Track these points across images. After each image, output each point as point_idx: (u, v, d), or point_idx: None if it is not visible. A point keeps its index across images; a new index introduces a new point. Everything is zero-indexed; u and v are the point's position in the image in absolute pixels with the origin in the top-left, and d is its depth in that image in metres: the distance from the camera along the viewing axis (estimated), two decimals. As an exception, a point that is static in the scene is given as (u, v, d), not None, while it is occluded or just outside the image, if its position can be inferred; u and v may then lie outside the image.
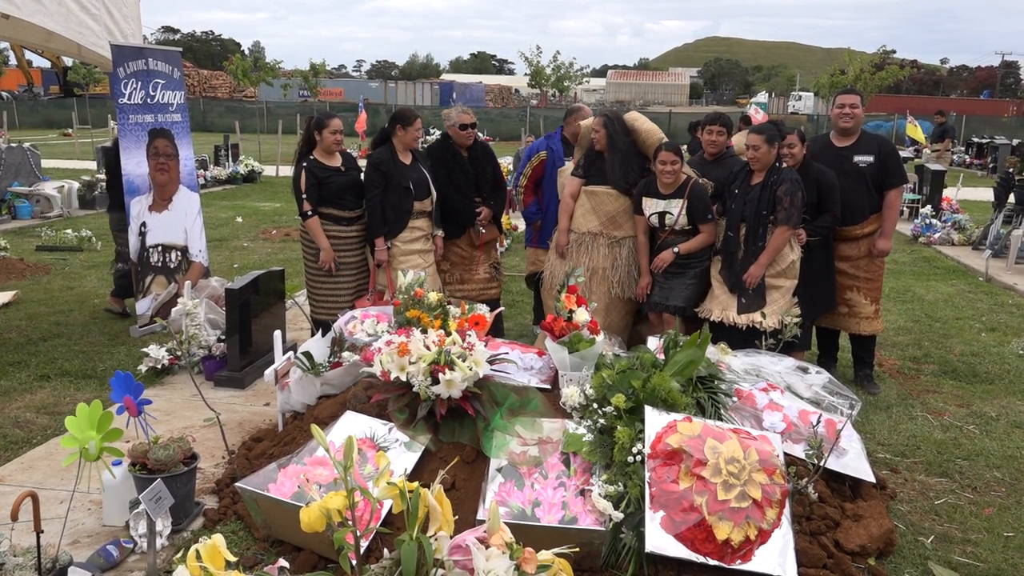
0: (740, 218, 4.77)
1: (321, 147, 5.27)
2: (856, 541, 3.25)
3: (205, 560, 2.08)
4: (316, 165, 5.22)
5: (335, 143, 5.29)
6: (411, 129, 5.25)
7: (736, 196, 4.81)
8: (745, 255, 4.76)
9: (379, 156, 5.24)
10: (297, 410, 4.15)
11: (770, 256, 4.71)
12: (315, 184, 5.18)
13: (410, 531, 2.20)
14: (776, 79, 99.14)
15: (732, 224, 4.82)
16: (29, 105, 40.39)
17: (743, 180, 4.83)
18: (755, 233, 4.73)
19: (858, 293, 5.27)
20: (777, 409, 3.69)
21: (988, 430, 4.73)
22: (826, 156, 5.16)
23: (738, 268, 4.78)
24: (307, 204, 5.19)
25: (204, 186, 15.03)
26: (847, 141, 5.20)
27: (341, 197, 5.28)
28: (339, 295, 5.35)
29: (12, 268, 8.37)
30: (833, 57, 76.32)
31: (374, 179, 5.20)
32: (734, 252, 4.81)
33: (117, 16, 6.11)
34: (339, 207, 5.29)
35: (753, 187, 4.76)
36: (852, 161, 5.15)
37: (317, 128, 5.25)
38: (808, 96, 62.84)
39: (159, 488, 2.99)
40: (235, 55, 52.44)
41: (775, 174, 4.72)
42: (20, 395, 4.96)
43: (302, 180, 5.18)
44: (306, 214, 5.21)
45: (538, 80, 57.50)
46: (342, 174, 5.33)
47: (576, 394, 3.49)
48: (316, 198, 5.20)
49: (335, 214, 5.29)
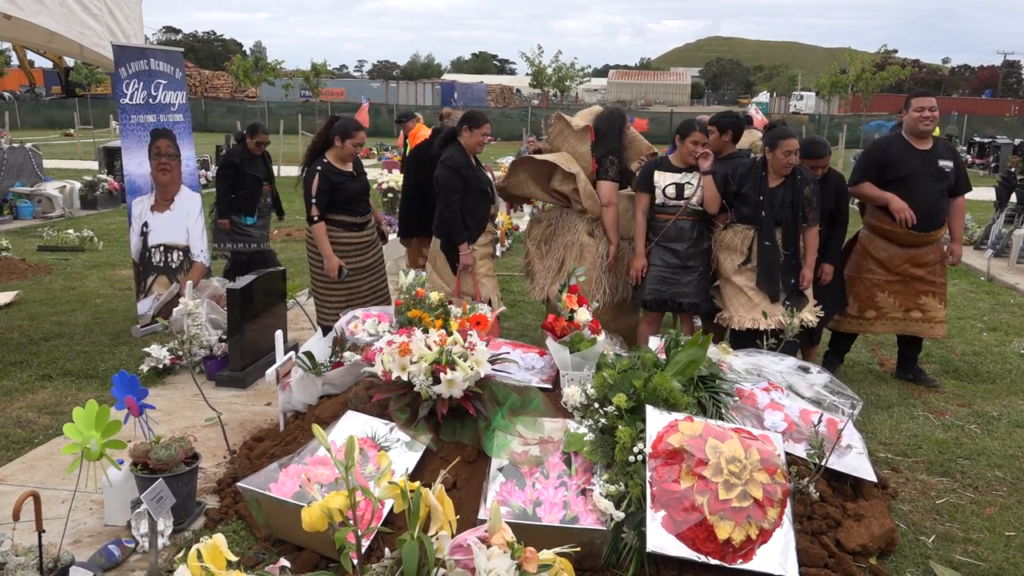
0: (775, 223, 4.67)
1: (339, 153, 5.14)
2: (857, 540, 3.25)
3: (206, 560, 2.08)
4: (330, 169, 5.09)
5: (352, 155, 5.22)
6: (477, 132, 5.05)
7: (762, 202, 4.66)
8: (784, 260, 4.68)
9: (457, 159, 5.01)
10: (298, 410, 4.15)
11: (814, 256, 4.77)
12: (327, 189, 5.04)
13: (411, 530, 2.20)
14: (777, 79, 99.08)
15: (768, 232, 4.67)
16: (31, 105, 40.47)
17: (761, 184, 4.68)
18: (793, 237, 4.69)
19: (933, 298, 5.25)
20: (778, 409, 3.69)
21: (989, 429, 4.73)
22: (910, 160, 5.06)
23: (779, 275, 4.69)
24: (315, 209, 5.05)
25: (206, 186, 15.04)
26: (927, 144, 5.11)
27: (353, 203, 5.20)
28: (352, 300, 5.23)
29: (14, 268, 8.38)
30: (835, 57, 76.27)
31: (453, 183, 4.96)
32: (775, 260, 4.68)
33: (119, 16, 6.11)
34: (351, 213, 5.20)
35: (776, 190, 4.65)
36: (937, 165, 5.07)
37: (341, 134, 5.10)
38: (810, 96, 62.80)
39: (161, 488, 3.00)
40: (236, 55, 52.50)
41: (796, 174, 4.65)
42: (22, 395, 4.97)
43: (314, 184, 5.04)
44: (313, 219, 5.08)
45: (539, 80, 57.50)
46: (355, 179, 5.24)
47: (577, 394, 3.49)
48: (325, 203, 5.08)
49: (346, 220, 5.19)
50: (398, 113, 9.08)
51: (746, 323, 4.72)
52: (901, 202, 5.00)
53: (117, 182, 13.21)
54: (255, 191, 6.81)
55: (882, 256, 5.22)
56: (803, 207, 4.65)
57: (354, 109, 31.15)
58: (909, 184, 5.03)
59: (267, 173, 7.00)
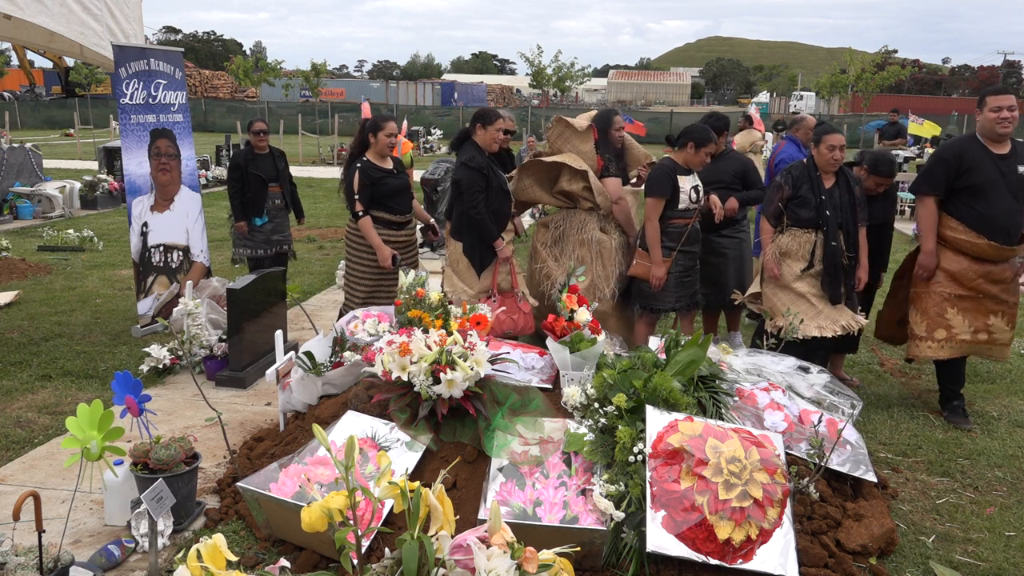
0: (838, 225, 4.61)
1: (375, 149, 5.19)
2: (857, 540, 3.25)
3: (206, 560, 2.08)
4: (370, 166, 5.14)
5: (389, 146, 5.22)
6: (491, 128, 4.98)
7: (824, 202, 4.59)
8: (847, 262, 4.65)
9: (476, 158, 4.93)
10: (298, 410, 4.15)
11: (867, 257, 4.71)
12: (368, 185, 5.10)
13: (411, 530, 2.20)
14: (777, 79, 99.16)
15: (833, 233, 4.58)
16: (31, 105, 40.47)
17: (817, 185, 4.62)
18: (855, 237, 4.66)
19: (1002, 319, 4.75)
20: (778, 409, 3.69)
21: (989, 429, 4.73)
22: (985, 164, 4.56)
23: (843, 278, 4.65)
24: (359, 204, 5.10)
25: (206, 186, 15.06)
26: (1005, 148, 4.60)
27: (393, 200, 5.21)
28: (377, 298, 5.22)
29: (14, 268, 8.38)
30: (835, 57, 76.24)
31: (476, 182, 4.88)
32: (839, 262, 4.61)
33: (119, 16, 6.11)
34: (390, 211, 5.22)
35: (832, 190, 4.61)
36: (1018, 172, 4.56)
37: (372, 130, 5.17)
38: (810, 96, 62.79)
39: (161, 488, 3.00)
40: (236, 55, 52.52)
41: (843, 175, 4.62)
42: (22, 395, 4.97)
43: (355, 180, 5.09)
44: (358, 214, 5.11)
45: (539, 80, 57.52)
46: (395, 176, 5.26)
47: (577, 394, 3.49)
48: (368, 200, 5.12)
49: (386, 218, 5.21)
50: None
51: (812, 331, 4.61)
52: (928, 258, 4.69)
53: (117, 182, 13.22)
54: (260, 192, 6.67)
55: (954, 269, 4.69)
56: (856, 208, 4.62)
57: (354, 109, 31.19)
58: (985, 193, 4.54)
59: (275, 173, 6.81)
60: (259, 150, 6.74)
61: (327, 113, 32.93)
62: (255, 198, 6.68)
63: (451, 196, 5.13)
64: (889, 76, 45.84)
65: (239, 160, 6.73)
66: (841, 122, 31.22)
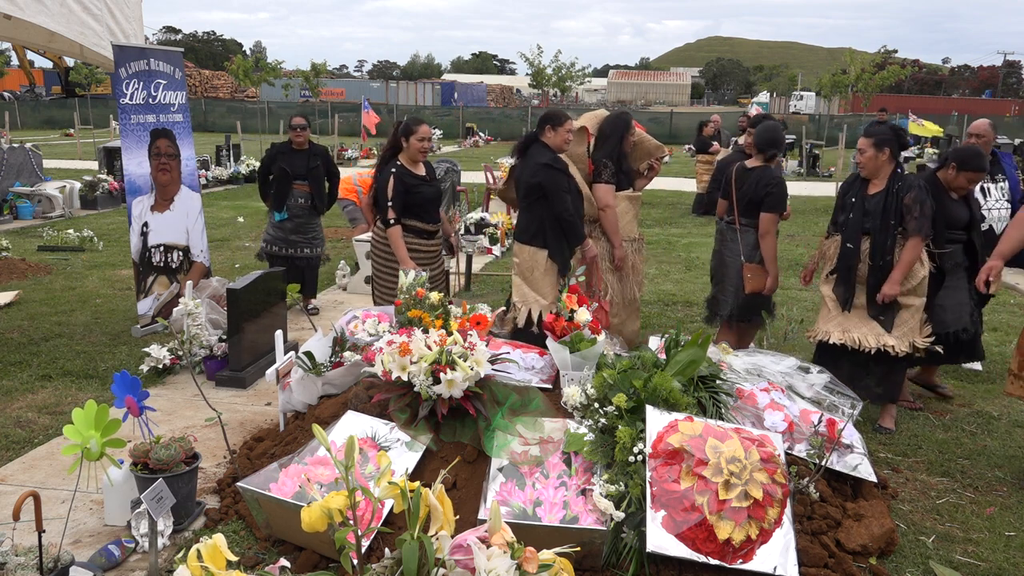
0: (862, 230, 4.49)
1: (407, 154, 5.07)
2: (857, 540, 3.25)
3: (206, 560, 2.08)
4: (405, 173, 5.02)
5: (422, 151, 5.10)
6: (561, 130, 4.84)
7: (854, 206, 4.55)
8: (871, 270, 4.46)
9: (559, 160, 4.80)
10: (298, 410, 4.15)
11: (903, 271, 4.38)
12: (402, 192, 4.97)
13: (411, 531, 2.20)
14: (778, 79, 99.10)
15: (852, 236, 4.50)
16: (31, 105, 40.49)
17: (859, 189, 4.57)
18: (882, 246, 4.40)
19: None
20: (778, 409, 3.69)
21: (990, 429, 4.73)
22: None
23: (855, 283, 4.54)
24: (391, 212, 4.96)
25: (206, 186, 15.06)
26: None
27: (425, 209, 5.10)
28: None
29: (14, 268, 8.38)
30: (835, 57, 76.25)
31: (562, 183, 4.74)
32: (852, 266, 4.50)
33: (119, 16, 6.11)
34: (422, 219, 5.10)
35: (873, 196, 4.49)
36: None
37: (405, 134, 5.04)
38: (810, 96, 62.83)
39: (161, 488, 3.00)
40: (236, 55, 52.50)
41: (898, 180, 4.44)
42: (22, 395, 4.97)
43: (389, 186, 4.94)
44: (389, 222, 4.97)
45: (539, 80, 57.51)
46: (428, 185, 5.14)
47: (577, 394, 3.49)
48: (400, 207, 4.98)
49: (418, 226, 5.09)
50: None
51: (818, 335, 4.62)
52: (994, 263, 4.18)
53: (117, 182, 13.21)
54: (283, 186, 6.52)
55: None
56: (899, 215, 4.40)
57: (354, 109, 31.19)
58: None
59: (305, 171, 6.57)
60: (297, 146, 6.58)
61: (327, 113, 32.91)
62: (277, 192, 6.56)
63: (526, 201, 4.89)
64: (889, 76, 45.80)
65: (272, 151, 6.67)
66: (841, 122, 31.22)
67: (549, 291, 4.80)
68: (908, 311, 4.48)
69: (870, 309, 4.52)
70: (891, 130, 4.60)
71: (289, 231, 6.62)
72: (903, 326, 4.48)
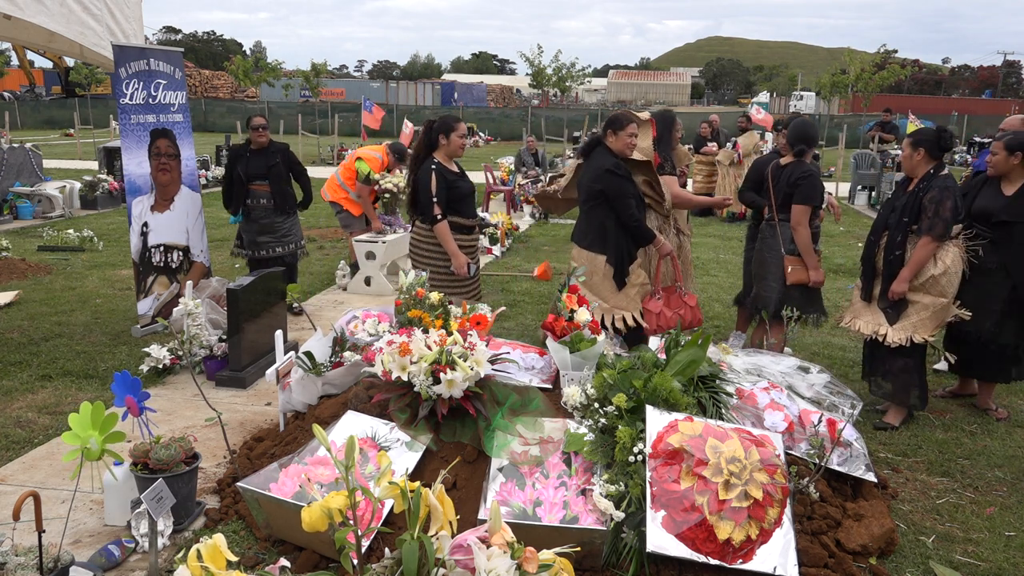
0: (884, 226, 4.62)
1: (446, 151, 5.01)
2: (857, 540, 3.25)
3: (206, 560, 2.08)
4: (444, 169, 4.97)
5: (462, 147, 5.04)
6: (623, 134, 4.70)
7: (888, 202, 4.70)
8: (885, 264, 4.59)
9: (622, 165, 4.71)
10: (298, 410, 4.15)
11: (912, 270, 4.45)
12: (445, 188, 4.91)
13: (411, 531, 2.20)
14: (777, 79, 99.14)
15: (875, 230, 4.70)
16: (31, 105, 40.49)
17: (903, 186, 4.66)
18: (893, 242, 4.53)
19: None
20: (778, 409, 3.69)
21: (989, 429, 4.72)
22: None
23: (872, 276, 4.68)
24: (437, 208, 4.89)
25: (206, 186, 15.05)
26: None
27: (465, 204, 5.06)
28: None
29: (14, 268, 8.38)
30: (835, 57, 76.26)
31: (626, 189, 4.66)
32: (871, 256, 4.70)
33: (119, 16, 6.11)
34: (463, 214, 5.06)
35: (905, 194, 4.59)
36: None
37: (444, 131, 4.98)
38: (810, 96, 62.82)
39: (161, 488, 3.00)
40: (236, 55, 52.49)
41: (926, 180, 4.50)
42: (22, 395, 4.97)
43: (432, 183, 4.89)
44: (436, 218, 4.91)
45: (539, 80, 57.52)
46: (465, 179, 5.10)
47: (577, 394, 3.49)
48: (444, 203, 4.92)
49: (459, 222, 5.03)
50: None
51: (844, 323, 4.82)
52: None
53: (117, 182, 13.22)
54: (240, 190, 6.54)
55: None
56: (915, 214, 4.46)
57: (354, 109, 31.17)
58: None
59: (264, 170, 6.54)
60: (256, 146, 6.62)
61: (327, 113, 32.93)
62: (235, 196, 6.60)
63: (587, 206, 4.81)
64: (889, 76, 45.78)
65: (231, 156, 6.72)
66: (841, 122, 31.21)
67: (609, 294, 4.75)
68: (915, 307, 4.54)
69: (880, 301, 4.66)
70: (934, 132, 4.63)
71: (256, 233, 6.62)
72: (905, 320, 4.56)
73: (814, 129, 5.35)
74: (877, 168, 14.16)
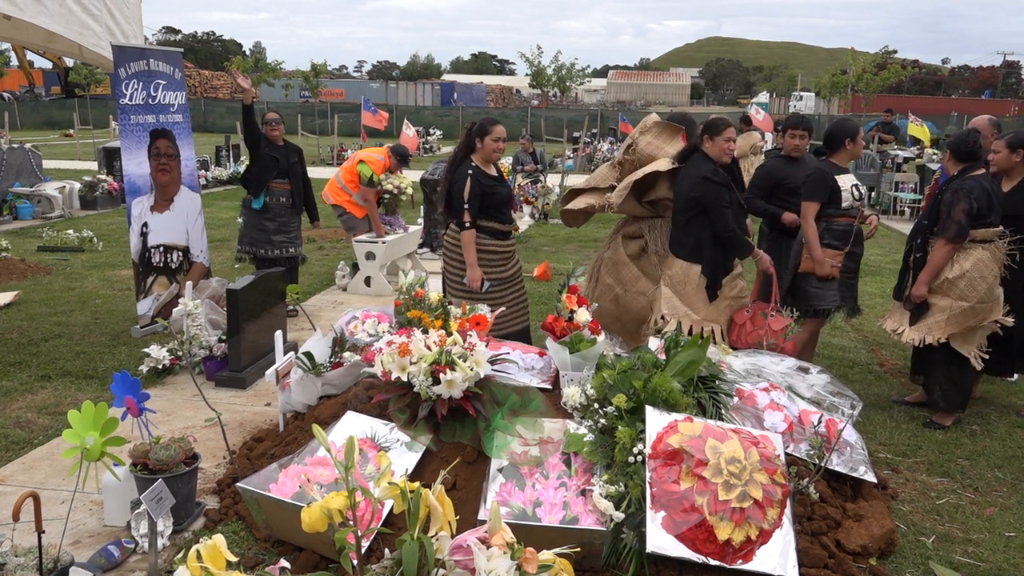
0: (918, 227, 4.69)
1: (480, 154, 4.92)
2: (857, 541, 3.25)
3: (206, 560, 2.08)
4: (481, 174, 4.88)
5: (497, 151, 4.93)
6: (719, 139, 4.57)
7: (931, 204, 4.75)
8: (913, 264, 4.67)
9: (720, 172, 4.57)
10: (298, 410, 4.15)
11: (929, 273, 4.50)
12: (479, 195, 4.82)
13: (411, 531, 2.20)
14: (777, 79, 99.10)
15: (912, 233, 4.75)
16: (31, 106, 40.47)
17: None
18: (915, 244, 4.66)
19: None
20: (778, 409, 3.69)
21: (989, 430, 4.73)
22: None
23: (906, 278, 4.75)
24: (468, 215, 4.81)
25: (205, 187, 15.05)
26: None
27: (501, 209, 4.99)
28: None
29: (13, 268, 8.38)
30: (835, 57, 76.33)
31: (722, 197, 4.51)
32: (905, 254, 4.79)
33: (119, 17, 6.12)
34: (499, 220, 4.98)
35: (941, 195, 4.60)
36: None
37: (480, 134, 4.90)
38: (809, 96, 62.81)
39: (160, 488, 2.99)
40: (236, 56, 52.45)
41: (948, 183, 4.52)
42: (21, 395, 4.97)
43: (467, 188, 4.79)
44: (465, 225, 4.83)
45: (539, 80, 57.52)
46: (503, 184, 5.03)
47: (577, 394, 3.49)
48: (476, 210, 4.85)
49: (496, 228, 4.96)
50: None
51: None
52: None
53: (117, 182, 13.21)
54: (265, 173, 6.44)
55: None
56: (934, 216, 4.51)
57: (354, 109, 31.15)
58: None
59: (286, 167, 6.51)
60: (273, 140, 6.54)
61: (327, 113, 32.90)
62: (259, 175, 6.48)
63: (684, 215, 4.65)
64: (889, 76, 45.77)
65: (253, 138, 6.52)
66: (841, 122, 31.10)
67: (701, 306, 4.63)
68: (932, 309, 4.60)
69: (906, 302, 4.72)
70: (961, 135, 4.67)
71: (272, 231, 6.58)
72: (922, 321, 4.62)
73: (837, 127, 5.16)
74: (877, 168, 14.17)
